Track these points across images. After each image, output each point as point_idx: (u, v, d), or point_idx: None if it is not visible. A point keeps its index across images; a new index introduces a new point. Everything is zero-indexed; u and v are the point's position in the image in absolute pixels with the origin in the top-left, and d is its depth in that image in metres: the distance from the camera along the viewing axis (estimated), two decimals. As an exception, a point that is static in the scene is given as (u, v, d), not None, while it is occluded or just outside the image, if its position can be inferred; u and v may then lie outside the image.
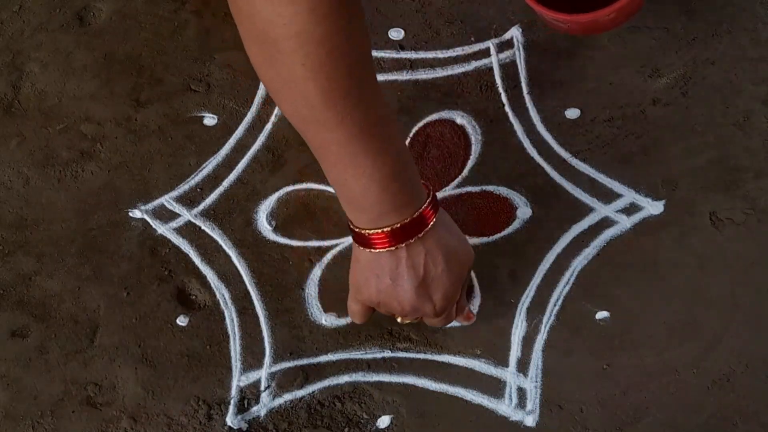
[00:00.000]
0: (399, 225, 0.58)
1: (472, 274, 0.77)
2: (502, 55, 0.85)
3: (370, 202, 0.58)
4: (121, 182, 0.83)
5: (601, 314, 0.75)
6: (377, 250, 0.60)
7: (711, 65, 0.83)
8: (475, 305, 0.73)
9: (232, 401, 0.74)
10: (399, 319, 0.69)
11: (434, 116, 0.84)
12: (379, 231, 0.59)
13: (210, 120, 0.85)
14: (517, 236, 0.79)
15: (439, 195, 0.81)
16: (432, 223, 0.60)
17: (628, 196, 0.79)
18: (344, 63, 0.50)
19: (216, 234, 0.80)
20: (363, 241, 0.61)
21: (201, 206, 0.82)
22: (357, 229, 0.61)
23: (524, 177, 0.81)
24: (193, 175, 0.83)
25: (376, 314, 0.77)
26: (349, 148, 0.53)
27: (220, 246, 0.80)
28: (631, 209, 0.78)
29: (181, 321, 0.77)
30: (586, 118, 0.82)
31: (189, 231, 0.81)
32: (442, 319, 0.68)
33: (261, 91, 0.86)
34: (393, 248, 0.60)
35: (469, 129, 0.83)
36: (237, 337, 0.77)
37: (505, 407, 0.73)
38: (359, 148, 0.53)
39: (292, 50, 0.48)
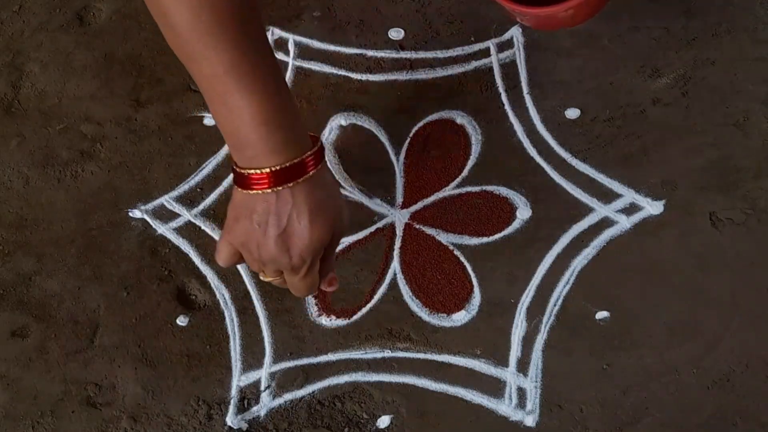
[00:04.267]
0: (270, 170, 0.59)
1: (471, 269, 0.77)
2: (502, 55, 0.85)
3: (242, 141, 0.59)
4: (121, 182, 0.83)
5: (601, 314, 0.75)
6: (250, 192, 0.60)
7: (711, 65, 0.83)
8: None
9: (232, 401, 0.74)
10: (261, 276, 0.66)
11: (434, 116, 0.84)
12: (252, 171, 0.59)
13: (210, 120, 0.85)
14: (517, 236, 0.79)
15: (439, 195, 0.81)
16: (309, 174, 0.60)
17: (628, 196, 0.79)
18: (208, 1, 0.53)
19: (216, 234, 0.80)
20: (239, 180, 0.61)
21: (201, 206, 0.82)
22: (234, 167, 0.62)
23: (524, 177, 0.81)
24: (193, 175, 0.83)
25: (377, 314, 0.77)
26: (217, 85, 0.55)
27: (220, 246, 0.80)
28: (631, 209, 0.78)
29: (181, 321, 0.77)
30: (586, 118, 0.82)
31: (189, 231, 0.81)
32: (302, 281, 0.64)
33: (261, 91, 0.86)
34: (262, 192, 0.60)
35: (469, 129, 0.83)
36: (237, 337, 0.77)
37: (505, 407, 0.73)
38: (226, 87, 0.55)
39: None
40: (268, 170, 0.58)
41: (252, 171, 0.59)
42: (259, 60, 0.57)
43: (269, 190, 0.59)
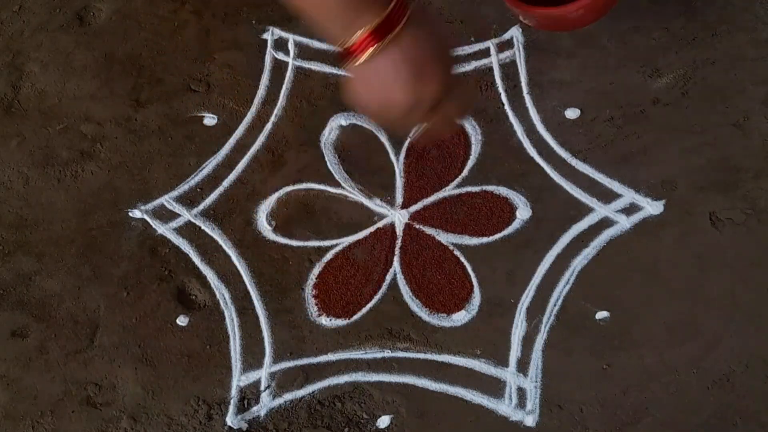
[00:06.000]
0: (368, 28, 0.58)
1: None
2: (502, 55, 0.85)
3: (335, 14, 0.59)
4: (121, 182, 0.83)
5: (601, 314, 0.75)
6: (360, 60, 0.60)
7: (711, 65, 0.83)
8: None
9: (232, 401, 0.74)
10: (413, 130, 0.65)
11: (434, 116, 0.84)
12: (354, 39, 0.59)
13: (210, 120, 0.85)
14: (517, 236, 0.79)
15: (439, 195, 0.81)
16: (404, 21, 0.59)
17: (628, 196, 0.79)
18: None
19: (216, 234, 0.80)
20: (345, 56, 0.61)
21: (201, 206, 0.82)
22: (340, 47, 0.61)
23: (524, 177, 0.81)
24: (193, 175, 0.83)
25: (377, 314, 0.77)
26: None
27: (220, 246, 0.80)
28: (631, 209, 0.78)
29: (181, 321, 0.77)
30: (586, 118, 0.82)
31: (189, 231, 0.81)
32: (447, 110, 0.63)
33: (261, 91, 0.86)
34: (378, 50, 0.59)
35: (469, 129, 0.83)
36: (237, 337, 0.77)
37: (505, 407, 0.73)
38: None
39: None
40: (367, 29, 0.58)
41: (353, 39, 0.59)
42: None
43: (378, 52, 0.59)
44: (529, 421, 0.72)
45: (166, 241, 0.80)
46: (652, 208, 0.78)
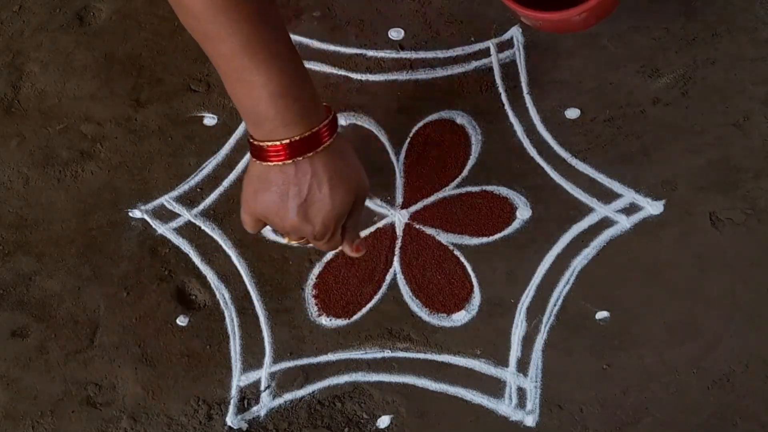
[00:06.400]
0: (288, 141, 0.60)
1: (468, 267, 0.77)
2: (502, 55, 0.85)
3: (260, 116, 0.60)
4: (121, 182, 0.83)
5: (601, 314, 0.75)
6: (268, 164, 0.61)
7: (711, 65, 0.83)
8: None
9: (232, 401, 0.74)
10: (285, 240, 0.67)
11: (434, 116, 0.84)
12: (269, 144, 0.60)
13: (210, 120, 0.85)
14: (517, 236, 0.79)
15: (439, 195, 0.81)
16: (325, 144, 0.59)
17: (628, 196, 0.79)
18: None
19: (216, 234, 0.81)
20: (256, 152, 0.60)
21: (201, 206, 0.82)
22: (251, 140, 0.62)
23: (524, 177, 0.81)
24: (193, 175, 0.83)
25: (377, 314, 0.77)
26: (234, 62, 0.56)
27: (220, 246, 0.80)
28: (631, 209, 0.78)
29: (181, 321, 0.77)
30: (586, 118, 0.82)
31: (189, 231, 0.81)
32: (326, 245, 0.65)
33: (261, 91, 0.86)
34: (281, 164, 0.59)
35: (469, 129, 0.83)
36: (237, 337, 0.77)
37: (505, 407, 0.73)
38: (244, 63, 0.56)
39: None
40: (287, 141, 0.59)
41: (269, 143, 0.60)
42: (274, 35, 0.57)
43: (289, 161, 0.60)
44: (529, 421, 0.72)
45: (166, 241, 0.80)
46: (652, 208, 0.78)
